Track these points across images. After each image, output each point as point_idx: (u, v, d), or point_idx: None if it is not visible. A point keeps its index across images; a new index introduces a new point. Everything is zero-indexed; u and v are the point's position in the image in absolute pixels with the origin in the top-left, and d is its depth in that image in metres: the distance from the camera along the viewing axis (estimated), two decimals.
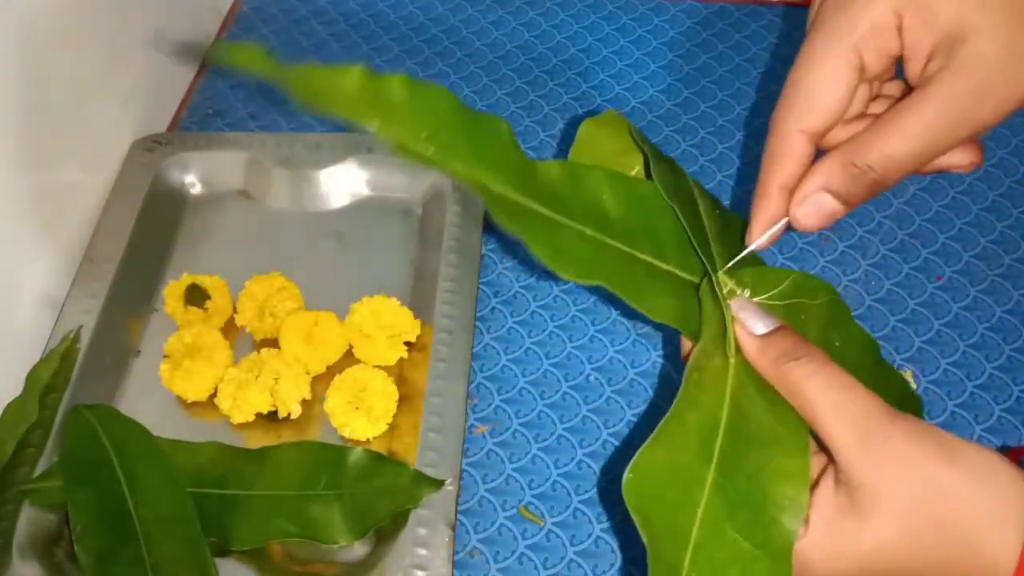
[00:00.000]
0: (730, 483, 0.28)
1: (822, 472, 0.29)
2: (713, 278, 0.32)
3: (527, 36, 0.70)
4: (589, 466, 0.48)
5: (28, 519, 0.44)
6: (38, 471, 0.45)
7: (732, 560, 0.28)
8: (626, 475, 0.29)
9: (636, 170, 0.36)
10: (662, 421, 0.29)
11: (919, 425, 0.27)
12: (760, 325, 0.30)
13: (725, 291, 0.32)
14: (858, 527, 0.27)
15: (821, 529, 0.28)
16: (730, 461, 0.29)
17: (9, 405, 0.47)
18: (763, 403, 0.30)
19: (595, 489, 0.47)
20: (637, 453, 0.29)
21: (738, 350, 0.31)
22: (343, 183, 0.59)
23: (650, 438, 0.29)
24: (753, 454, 0.29)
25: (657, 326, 0.50)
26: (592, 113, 0.65)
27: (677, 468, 0.29)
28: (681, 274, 0.33)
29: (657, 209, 0.34)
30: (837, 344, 0.34)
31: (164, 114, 0.66)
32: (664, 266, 0.33)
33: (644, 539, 0.28)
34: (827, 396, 0.28)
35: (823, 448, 0.29)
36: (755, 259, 0.35)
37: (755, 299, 0.32)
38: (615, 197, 0.33)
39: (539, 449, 0.49)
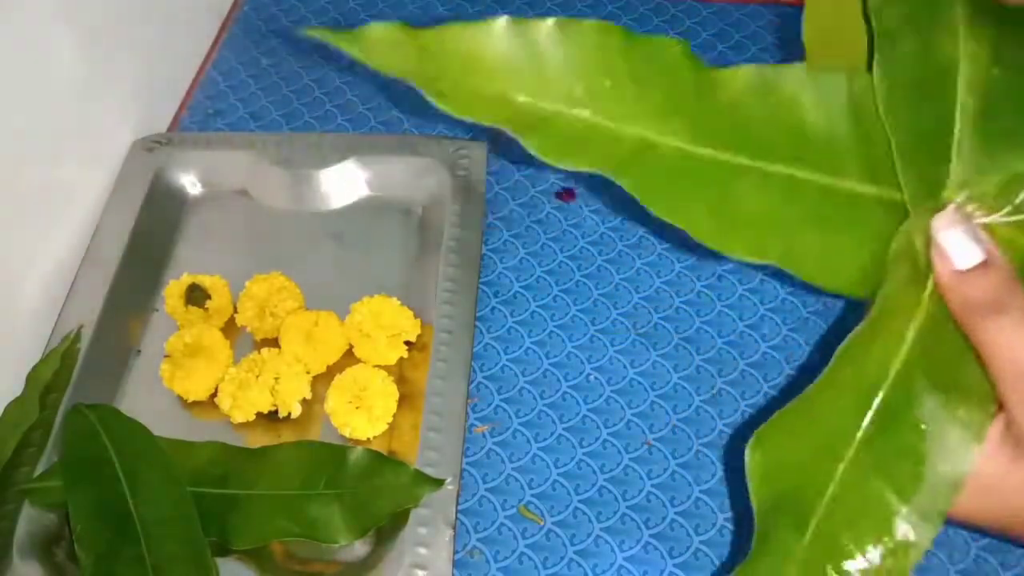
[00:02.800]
0: (889, 433, 0.26)
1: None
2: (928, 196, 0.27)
3: None
4: (589, 466, 0.48)
5: (28, 519, 0.44)
6: (38, 471, 0.45)
7: (869, 512, 0.26)
8: (756, 433, 0.27)
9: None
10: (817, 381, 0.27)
11: None
12: (964, 255, 0.26)
13: (952, 206, 0.27)
14: (1014, 488, 0.26)
15: (983, 474, 0.26)
16: (894, 410, 0.26)
17: (9, 405, 0.47)
18: (955, 345, 0.27)
19: (595, 489, 0.47)
20: (776, 414, 0.27)
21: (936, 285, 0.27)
22: (343, 183, 0.59)
23: (795, 401, 0.27)
24: (929, 401, 0.26)
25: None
26: None
27: (821, 421, 0.27)
28: (897, 196, 0.28)
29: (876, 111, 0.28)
30: None
31: (164, 114, 0.66)
32: (873, 189, 0.28)
33: (759, 497, 0.26)
34: (1014, 359, 0.25)
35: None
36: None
37: (983, 217, 0.27)
38: (818, 101, 0.28)
39: (539, 449, 0.49)
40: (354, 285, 0.54)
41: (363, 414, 0.48)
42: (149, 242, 0.56)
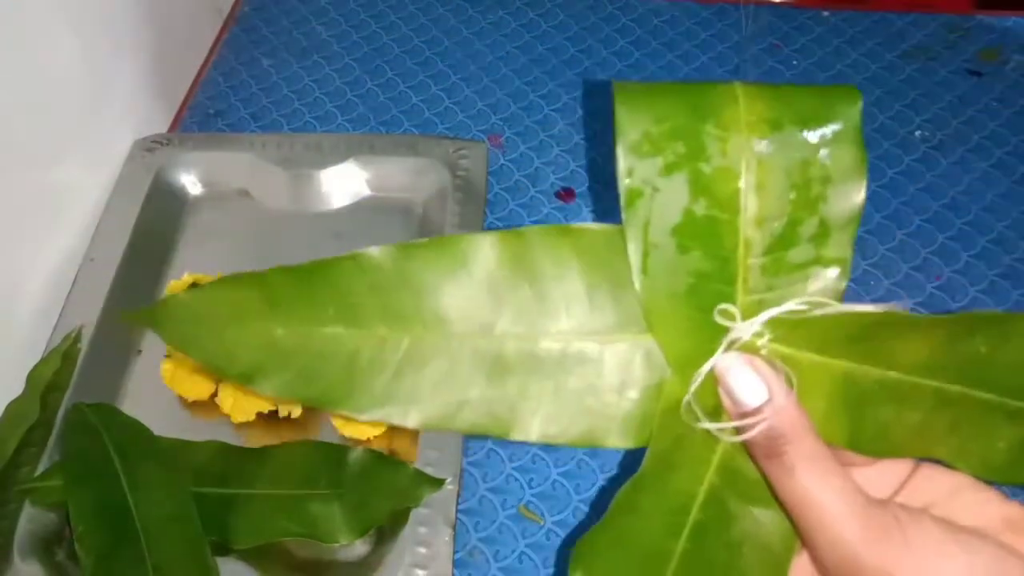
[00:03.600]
0: (705, 551, 0.27)
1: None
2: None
3: (527, 37, 0.71)
4: (589, 465, 0.48)
5: (29, 518, 0.44)
6: (39, 470, 0.45)
7: None
8: (577, 545, 0.27)
9: None
10: (621, 494, 0.27)
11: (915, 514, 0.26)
12: (749, 394, 0.26)
13: (733, 351, 0.27)
14: None
15: None
16: (707, 529, 0.27)
17: (10, 405, 0.47)
18: (755, 474, 0.27)
19: (595, 489, 0.47)
20: (594, 527, 0.27)
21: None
22: (343, 183, 0.59)
23: (605, 516, 0.27)
24: (740, 519, 0.27)
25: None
26: (592, 114, 0.65)
27: (640, 539, 0.27)
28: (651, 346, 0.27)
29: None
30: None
31: (164, 114, 0.66)
32: (626, 343, 0.27)
33: None
34: (819, 494, 0.25)
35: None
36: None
37: (774, 347, 0.27)
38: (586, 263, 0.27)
39: (539, 448, 0.49)
40: None
41: None
42: (149, 242, 0.56)
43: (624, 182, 0.27)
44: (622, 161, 0.27)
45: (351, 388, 0.27)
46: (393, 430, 0.49)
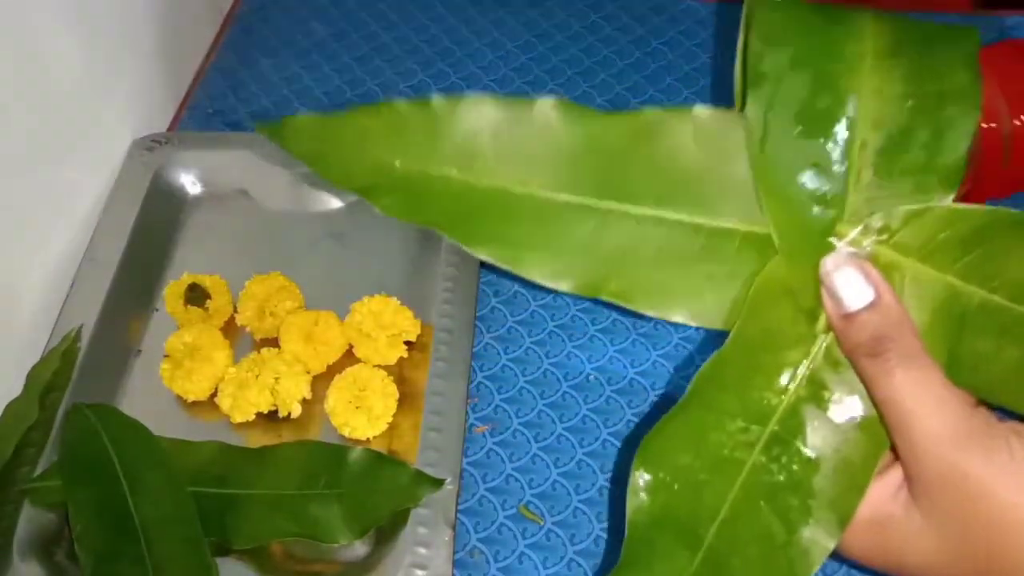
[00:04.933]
0: (779, 464, 0.27)
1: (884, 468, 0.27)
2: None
3: (527, 36, 0.70)
4: (589, 466, 0.48)
5: (28, 518, 0.44)
6: (38, 470, 0.45)
7: (758, 539, 0.26)
8: (647, 437, 0.27)
9: None
10: (699, 379, 0.27)
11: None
12: (855, 296, 0.26)
13: (842, 246, 0.27)
14: (903, 536, 0.26)
15: (865, 523, 0.26)
16: (785, 441, 0.27)
17: (9, 405, 0.47)
18: (848, 382, 0.27)
19: (595, 489, 0.47)
20: (665, 417, 0.27)
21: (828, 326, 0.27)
22: None
23: (679, 405, 0.27)
24: (821, 435, 0.27)
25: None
26: None
27: (709, 443, 0.27)
28: (765, 232, 0.27)
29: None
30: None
31: (164, 114, 0.66)
32: (743, 227, 0.28)
33: (643, 508, 0.27)
34: (916, 393, 0.25)
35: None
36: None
37: (881, 247, 0.27)
38: (700, 144, 0.28)
39: (539, 449, 0.49)
40: (354, 285, 0.53)
41: (363, 414, 0.48)
42: (149, 242, 0.56)
43: (753, 65, 0.28)
44: (755, 45, 0.28)
45: (458, 222, 0.28)
46: (393, 430, 0.48)
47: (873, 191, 0.27)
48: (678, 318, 0.28)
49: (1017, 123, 0.48)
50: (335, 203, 0.59)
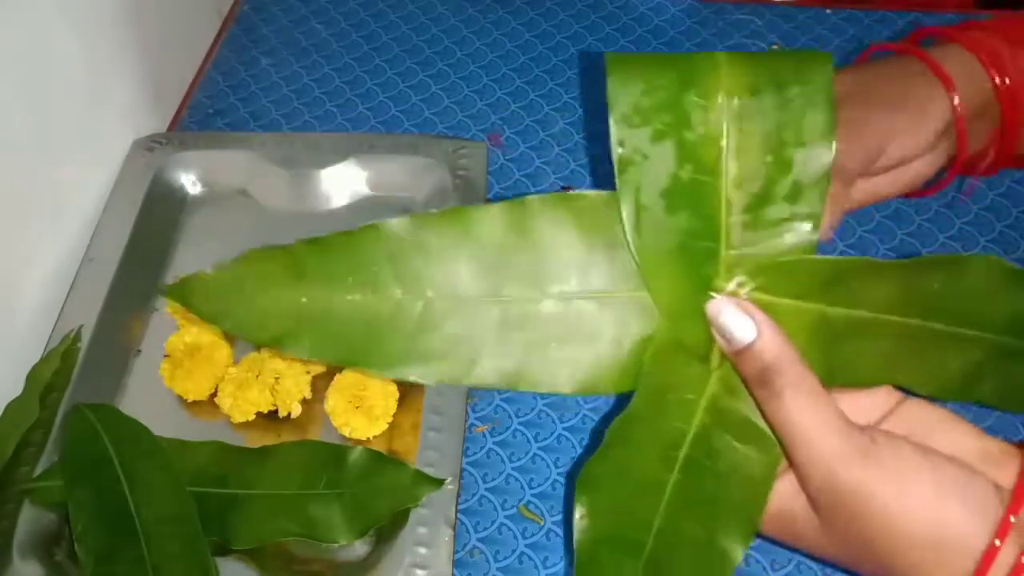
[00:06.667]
0: (694, 480, 0.30)
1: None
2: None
3: (527, 36, 0.70)
4: None
5: (28, 518, 0.44)
6: (39, 470, 0.45)
7: (688, 543, 0.30)
8: (580, 476, 0.30)
9: None
10: (614, 427, 0.30)
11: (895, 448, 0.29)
12: (740, 332, 0.29)
13: (722, 294, 0.30)
14: (804, 531, 0.30)
15: (774, 515, 0.30)
16: (697, 462, 0.30)
17: (9, 405, 0.47)
18: (742, 409, 0.30)
19: None
20: (592, 457, 0.30)
21: (721, 360, 0.30)
22: (343, 183, 0.59)
23: (600, 447, 0.30)
24: (726, 454, 0.30)
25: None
26: (591, 113, 0.65)
27: (636, 470, 0.30)
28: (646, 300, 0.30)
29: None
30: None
31: (164, 114, 0.66)
32: (625, 295, 0.30)
33: (587, 529, 0.30)
34: (803, 416, 0.28)
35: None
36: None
37: (756, 296, 0.30)
38: (581, 230, 0.30)
39: (539, 448, 0.49)
40: None
41: (363, 414, 0.48)
42: (149, 242, 0.56)
43: (617, 151, 0.29)
44: (615, 132, 0.29)
45: (372, 349, 0.29)
46: (393, 430, 0.49)
47: (744, 246, 0.30)
48: (566, 390, 0.31)
49: None
50: (334, 202, 0.59)
